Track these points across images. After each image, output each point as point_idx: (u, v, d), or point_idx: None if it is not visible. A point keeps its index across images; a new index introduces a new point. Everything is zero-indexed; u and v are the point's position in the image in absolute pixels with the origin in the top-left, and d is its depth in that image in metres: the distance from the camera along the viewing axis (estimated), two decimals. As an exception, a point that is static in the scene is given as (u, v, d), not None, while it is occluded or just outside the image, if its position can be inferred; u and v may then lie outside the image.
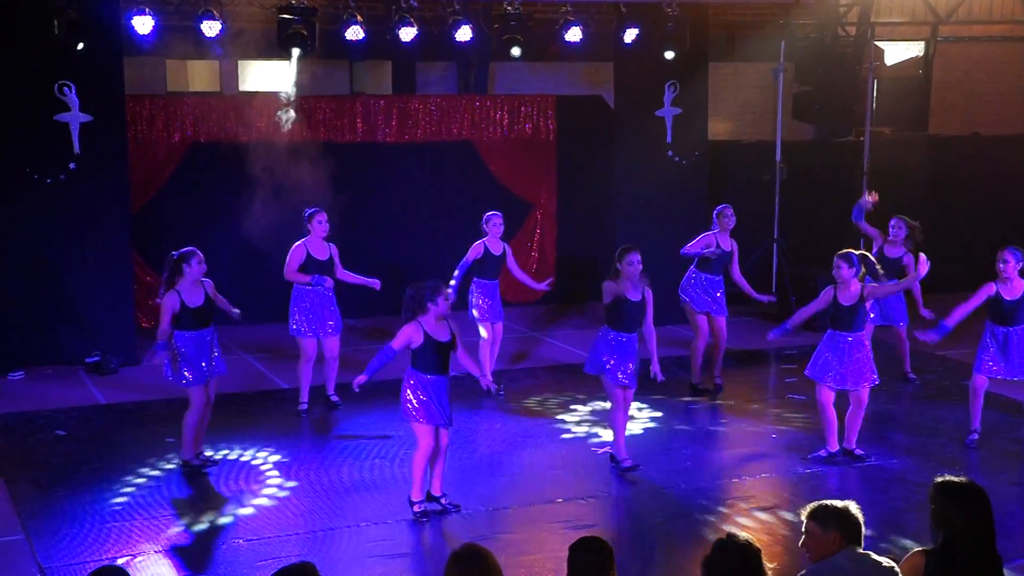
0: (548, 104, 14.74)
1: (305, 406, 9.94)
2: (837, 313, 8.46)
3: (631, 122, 13.54)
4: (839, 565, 4.33)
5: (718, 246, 10.60)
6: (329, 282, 9.87)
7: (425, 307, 7.35)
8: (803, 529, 4.46)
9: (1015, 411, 10.10)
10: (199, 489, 8.18)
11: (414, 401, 7.43)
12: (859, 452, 8.67)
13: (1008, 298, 8.84)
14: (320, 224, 9.93)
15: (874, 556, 4.41)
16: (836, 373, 8.45)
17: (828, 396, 8.51)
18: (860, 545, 4.42)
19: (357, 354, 11.06)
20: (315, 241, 10.00)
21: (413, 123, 14.17)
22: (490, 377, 10.49)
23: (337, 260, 10.12)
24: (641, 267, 8.23)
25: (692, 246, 10.65)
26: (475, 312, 10.56)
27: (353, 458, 8.88)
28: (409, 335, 7.38)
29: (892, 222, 10.72)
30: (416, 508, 7.54)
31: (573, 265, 14.80)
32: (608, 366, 8.29)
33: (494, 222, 10.61)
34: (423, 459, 7.52)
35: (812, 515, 4.44)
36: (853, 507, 4.45)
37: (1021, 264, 8.81)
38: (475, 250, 10.53)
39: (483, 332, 10.60)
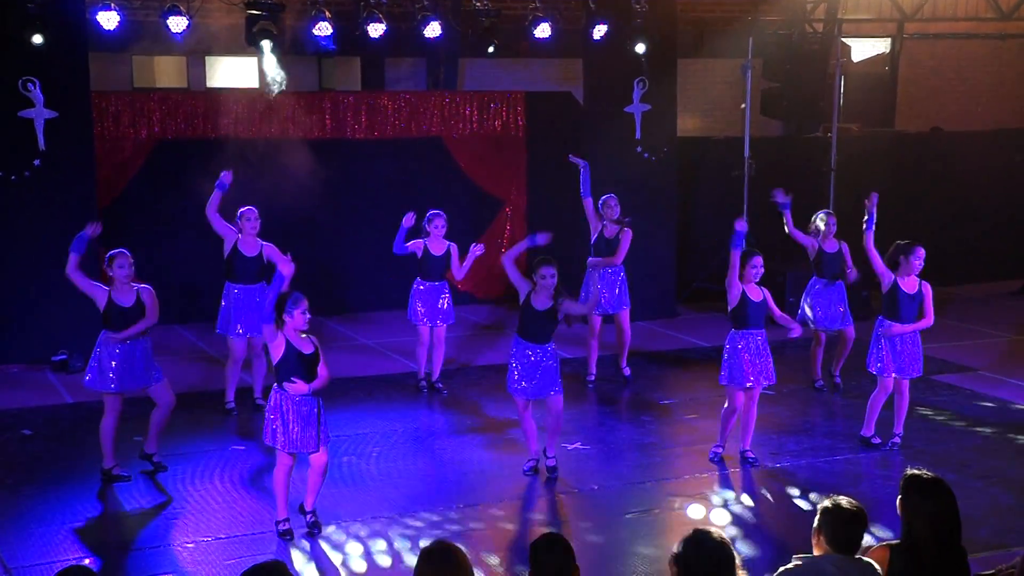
0: (517, 100, 14.74)
1: (232, 404, 9.79)
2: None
3: (600, 118, 13.56)
4: (822, 568, 4.30)
5: (601, 235, 10.56)
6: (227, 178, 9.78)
7: (281, 319, 6.94)
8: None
9: (982, 408, 10.22)
10: (166, 488, 8.12)
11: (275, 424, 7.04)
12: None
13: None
14: (249, 222, 9.70)
15: (863, 559, 4.40)
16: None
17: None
18: (851, 554, 4.33)
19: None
20: (247, 239, 9.76)
21: (382, 119, 14.14)
22: (424, 380, 10.52)
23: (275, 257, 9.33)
24: (556, 280, 8.01)
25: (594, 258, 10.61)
26: (412, 315, 10.35)
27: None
28: (278, 347, 6.96)
29: (822, 216, 10.65)
30: (281, 527, 7.20)
31: (543, 261, 14.83)
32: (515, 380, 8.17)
33: (436, 223, 10.26)
34: (283, 477, 7.17)
35: (822, 506, 4.45)
36: (854, 511, 4.35)
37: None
38: (414, 245, 10.31)
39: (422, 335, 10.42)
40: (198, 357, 11.85)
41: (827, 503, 4.44)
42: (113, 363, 8.06)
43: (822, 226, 10.56)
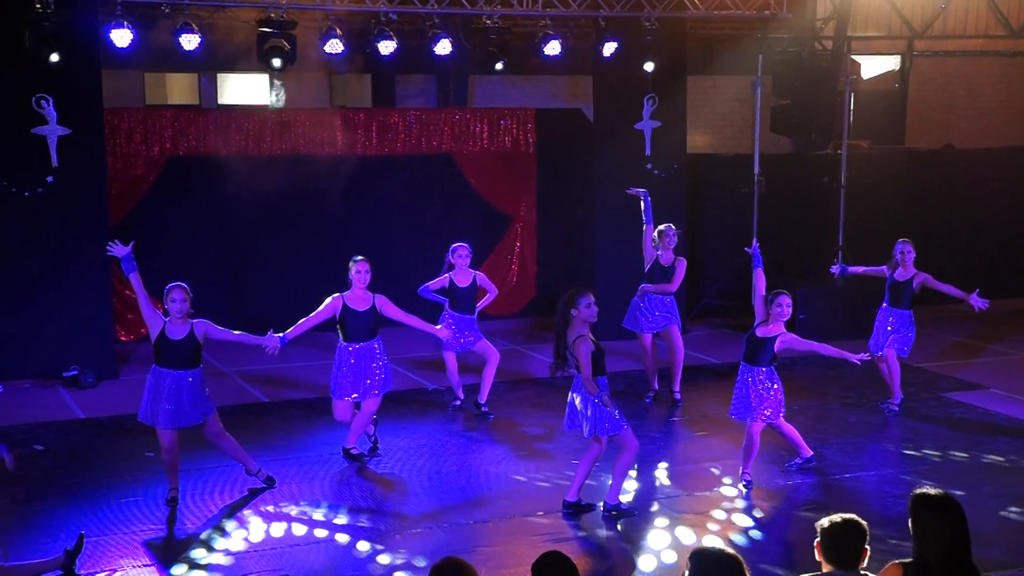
0: (528, 117, 14.79)
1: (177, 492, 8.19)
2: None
3: (610, 135, 13.59)
4: None
5: (656, 263, 10.63)
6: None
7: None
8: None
9: (993, 426, 10.20)
10: (177, 503, 8.13)
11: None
12: None
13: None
14: (173, 302, 7.89)
15: (869, 575, 4.39)
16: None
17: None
18: (855, 567, 4.33)
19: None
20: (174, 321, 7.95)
21: (393, 136, 14.19)
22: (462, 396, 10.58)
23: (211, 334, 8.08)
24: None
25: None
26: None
27: (335, 472, 8.87)
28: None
29: (899, 247, 10.49)
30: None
31: (553, 278, 14.84)
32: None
33: (460, 253, 10.27)
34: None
35: (818, 526, 4.45)
36: (853, 525, 4.36)
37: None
38: (440, 282, 10.32)
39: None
40: (209, 372, 11.84)
41: (823, 521, 4.43)
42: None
43: (898, 256, 10.47)
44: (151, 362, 8.03)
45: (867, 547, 4.41)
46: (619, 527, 7.73)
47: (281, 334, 8.35)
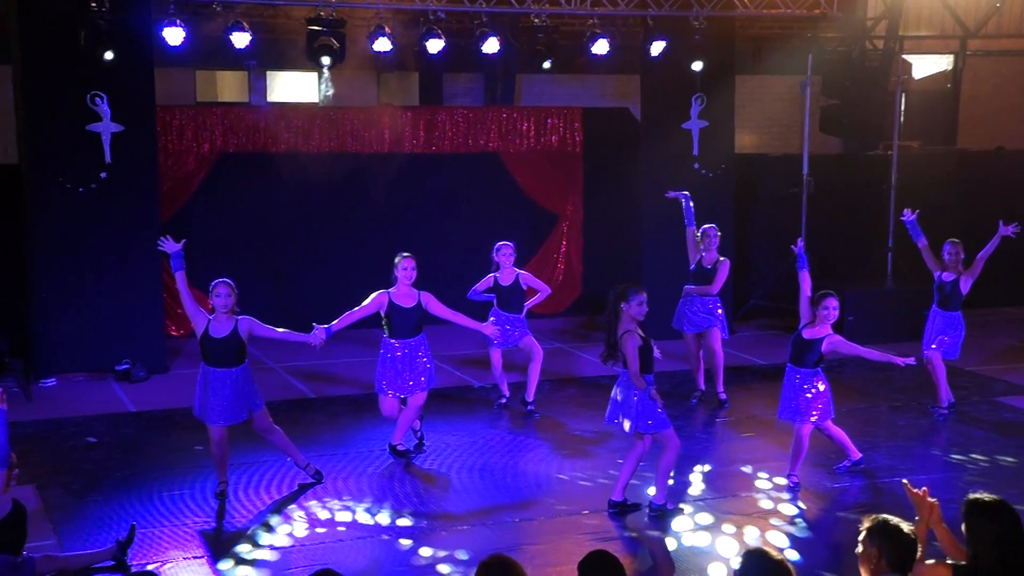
0: (575, 116, 14.78)
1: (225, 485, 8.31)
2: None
3: (658, 135, 13.54)
4: None
5: (700, 264, 10.65)
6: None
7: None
8: (859, 539, 4.43)
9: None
10: (226, 497, 8.22)
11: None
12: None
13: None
14: (218, 297, 7.91)
15: None
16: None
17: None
18: (907, 571, 4.31)
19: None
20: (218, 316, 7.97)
21: (440, 134, 14.24)
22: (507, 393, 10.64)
23: (251, 331, 8.06)
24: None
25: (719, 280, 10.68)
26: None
27: (381, 467, 8.93)
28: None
29: (948, 247, 10.33)
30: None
31: (599, 277, 14.83)
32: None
33: (504, 252, 10.35)
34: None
35: (866, 527, 4.42)
36: (906, 527, 4.34)
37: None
38: (485, 283, 10.42)
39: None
40: (256, 367, 11.96)
41: (878, 525, 4.38)
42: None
43: (946, 256, 10.36)
44: (200, 357, 8.11)
45: None
46: (664, 527, 7.72)
47: (326, 326, 8.44)
